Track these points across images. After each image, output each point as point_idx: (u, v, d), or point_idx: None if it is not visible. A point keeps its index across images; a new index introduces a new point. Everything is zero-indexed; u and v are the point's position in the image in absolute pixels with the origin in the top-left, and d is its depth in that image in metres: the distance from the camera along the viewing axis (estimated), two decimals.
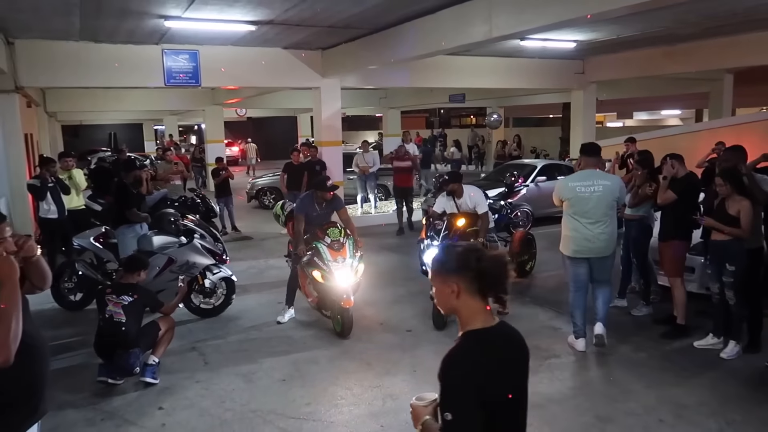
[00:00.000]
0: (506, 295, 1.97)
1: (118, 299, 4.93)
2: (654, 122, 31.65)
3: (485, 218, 6.36)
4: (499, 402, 1.91)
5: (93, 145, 30.35)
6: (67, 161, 8.70)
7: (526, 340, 2.11)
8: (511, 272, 1.98)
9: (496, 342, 1.98)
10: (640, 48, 12.03)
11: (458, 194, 6.37)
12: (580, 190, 5.32)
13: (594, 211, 5.26)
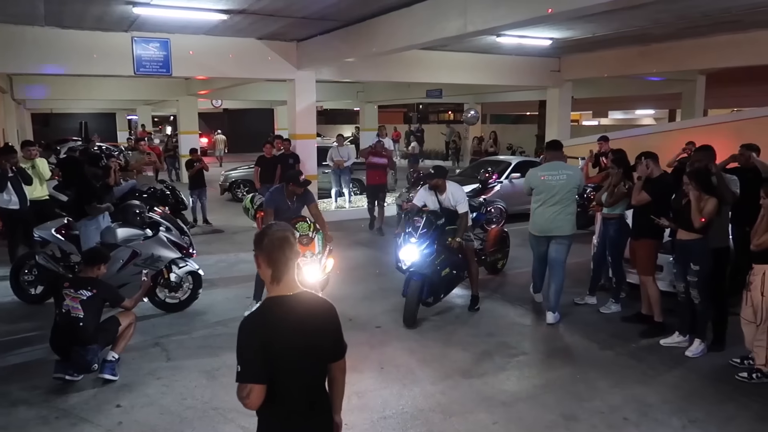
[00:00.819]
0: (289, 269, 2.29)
1: (76, 294, 4.76)
2: (628, 121, 32.03)
3: (464, 218, 6.28)
4: (286, 359, 2.23)
5: (64, 134, 29.63)
6: (30, 150, 8.41)
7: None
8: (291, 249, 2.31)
9: (285, 307, 2.27)
10: (615, 47, 12.13)
11: (441, 190, 6.31)
12: (547, 179, 6.08)
13: (558, 196, 6.01)
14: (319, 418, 2.39)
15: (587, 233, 9.37)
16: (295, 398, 2.31)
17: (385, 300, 6.82)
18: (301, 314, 2.29)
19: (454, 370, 5.04)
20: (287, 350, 2.24)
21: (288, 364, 2.25)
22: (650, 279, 5.81)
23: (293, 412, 2.31)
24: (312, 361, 2.34)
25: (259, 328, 2.25)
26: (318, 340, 2.34)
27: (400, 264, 6.23)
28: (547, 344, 5.65)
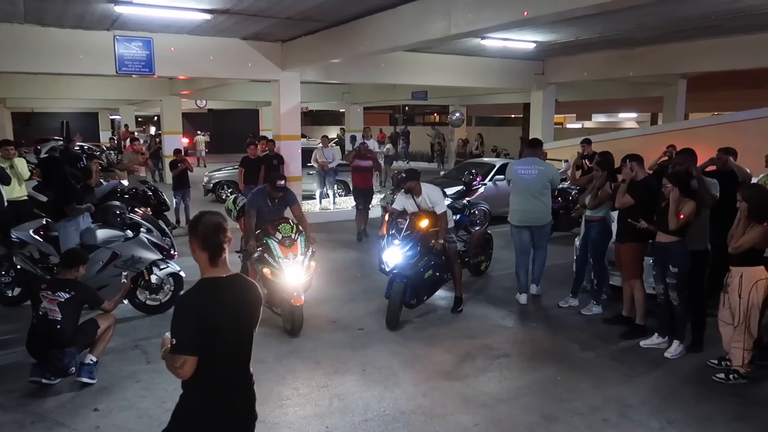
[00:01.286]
0: (222, 252, 2.51)
1: (53, 296, 4.69)
2: (612, 125, 32.37)
3: (443, 218, 6.29)
4: (217, 335, 2.43)
5: (45, 133, 29.24)
6: (8, 150, 8.26)
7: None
8: (224, 234, 2.52)
9: (220, 288, 2.50)
10: (598, 51, 12.25)
11: (416, 192, 6.27)
12: (521, 173, 6.70)
13: (532, 189, 6.60)
14: (242, 395, 2.61)
15: (570, 235, 9.45)
16: (222, 374, 2.51)
17: (368, 302, 6.81)
18: (234, 294, 2.52)
19: (436, 372, 5.04)
20: (220, 327, 2.45)
21: (220, 341, 2.46)
22: (638, 282, 5.84)
23: (218, 386, 2.51)
24: (242, 339, 2.56)
25: (196, 304, 2.47)
26: (248, 319, 2.57)
27: (383, 266, 6.23)
28: (529, 346, 5.67)
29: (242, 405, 2.61)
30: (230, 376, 2.54)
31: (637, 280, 5.85)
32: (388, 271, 6.12)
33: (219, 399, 2.51)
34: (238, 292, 2.54)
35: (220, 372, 2.49)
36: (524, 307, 6.75)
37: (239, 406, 2.59)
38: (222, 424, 2.52)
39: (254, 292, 2.62)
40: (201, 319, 2.40)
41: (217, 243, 2.50)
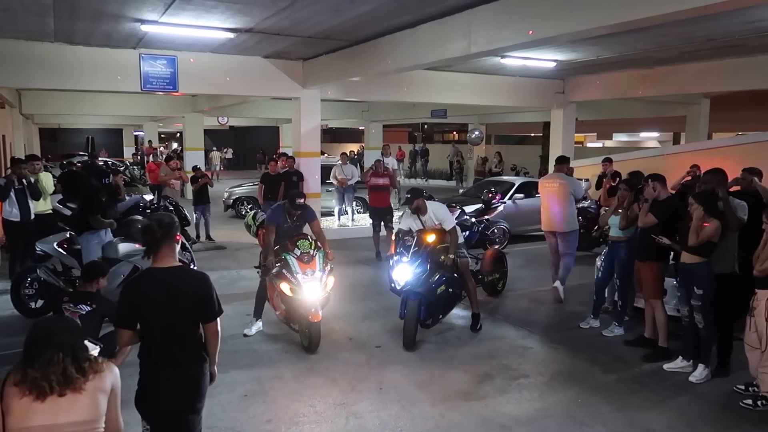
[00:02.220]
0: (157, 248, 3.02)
1: (75, 308, 4.75)
2: (633, 144, 32.10)
3: (453, 233, 6.24)
4: (153, 317, 2.95)
5: (70, 149, 29.90)
6: (34, 164, 8.43)
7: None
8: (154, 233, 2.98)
9: (155, 278, 3.00)
10: (619, 70, 12.19)
11: (422, 211, 6.25)
12: (544, 184, 7.82)
13: (554, 200, 7.54)
14: (180, 372, 3.01)
15: (590, 255, 9.33)
16: (161, 351, 3.00)
17: (385, 319, 6.77)
18: (171, 281, 2.98)
19: (454, 392, 4.97)
20: (154, 310, 2.95)
21: (154, 321, 2.96)
22: (658, 302, 5.74)
23: (158, 363, 3.00)
24: (176, 320, 2.98)
25: (134, 289, 3.05)
26: (182, 303, 2.97)
27: (394, 285, 6.13)
28: (549, 367, 5.58)
29: (179, 381, 3.01)
30: (165, 353, 2.99)
31: (657, 300, 5.74)
32: (399, 289, 6.02)
33: (156, 373, 3.01)
34: (171, 281, 2.98)
35: (156, 349, 3.00)
36: (544, 327, 6.66)
37: (175, 382, 3.00)
38: (161, 395, 3.00)
39: (195, 279, 3.09)
40: (134, 302, 2.96)
41: (150, 241, 3.02)
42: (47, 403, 2.18)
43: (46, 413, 2.17)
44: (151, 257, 3.05)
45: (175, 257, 3.12)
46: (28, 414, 2.17)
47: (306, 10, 7.03)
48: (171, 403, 3.03)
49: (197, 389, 3.08)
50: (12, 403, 2.18)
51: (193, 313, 3.03)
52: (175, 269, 3.05)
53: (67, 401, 2.21)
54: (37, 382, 2.19)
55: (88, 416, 2.25)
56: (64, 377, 2.22)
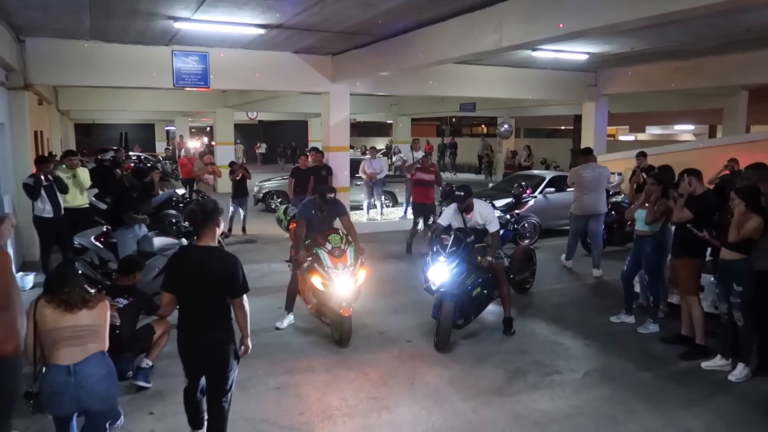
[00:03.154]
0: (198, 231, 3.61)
1: (113, 301, 4.84)
2: (667, 137, 31.37)
3: (497, 237, 6.10)
4: (188, 287, 3.56)
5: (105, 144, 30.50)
6: (71, 160, 8.65)
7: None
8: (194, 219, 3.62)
9: (192, 254, 3.70)
10: (653, 62, 11.91)
11: (469, 210, 6.12)
12: (584, 174, 8.72)
13: (592, 187, 8.63)
14: (207, 336, 3.56)
15: (624, 250, 9.18)
16: (191, 318, 3.59)
17: (415, 314, 6.77)
18: (204, 258, 3.54)
19: (486, 388, 4.95)
20: (188, 280, 3.54)
21: (187, 290, 3.57)
22: (695, 299, 5.62)
23: (188, 327, 3.60)
24: (206, 293, 3.51)
25: (177, 261, 3.72)
26: (211, 278, 3.49)
27: (429, 285, 6.04)
28: (582, 364, 5.51)
29: (203, 341, 3.57)
30: (192, 316, 3.59)
31: (694, 297, 5.63)
32: (434, 289, 5.93)
33: (185, 332, 3.62)
34: (202, 257, 3.54)
35: (186, 312, 3.62)
36: (576, 322, 6.57)
37: (200, 341, 3.58)
38: (189, 351, 3.65)
39: (224, 259, 3.57)
40: (175, 272, 3.63)
41: (193, 223, 3.65)
42: (72, 313, 3.35)
43: (72, 320, 3.36)
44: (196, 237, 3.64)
45: (214, 239, 3.62)
46: (60, 320, 3.34)
47: (336, 5, 7.04)
48: (196, 361, 3.69)
49: (218, 352, 3.58)
50: (45, 314, 3.34)
51: (219, 287, 3.52)
52: (210, 248, 3.58)
53: (83, 313, 3.39)
54: (67, 301, 3.36)
55: (95, 322, 3.45)
56: (82, 300, 3.41)
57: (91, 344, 3.39)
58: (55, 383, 3.29)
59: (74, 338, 3.34)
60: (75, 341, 3.34)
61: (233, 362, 3.65)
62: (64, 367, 3.29)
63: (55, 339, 3.32)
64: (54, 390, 3.30)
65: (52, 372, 3.31)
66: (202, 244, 3.58)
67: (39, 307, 3.37)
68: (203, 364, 3.68)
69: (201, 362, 3.68)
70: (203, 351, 3.61)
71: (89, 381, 3.33)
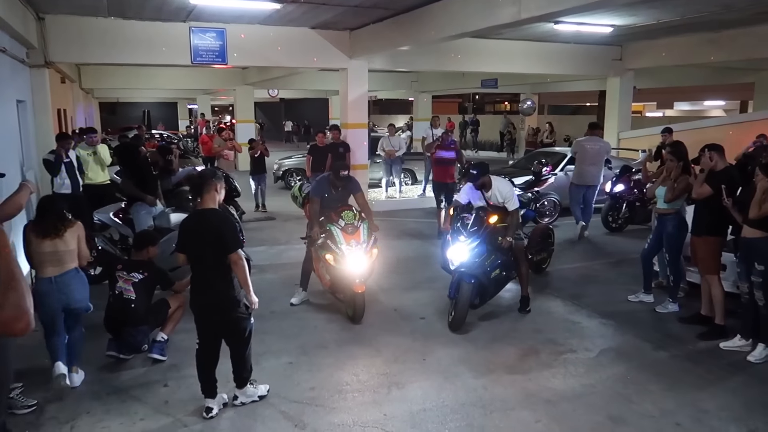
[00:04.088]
0: (197, 196, 4.07)
1: (128, 276, 4.93)
2: (696, 113, 30.54)
3: (515, 215, 5.99)
4: (192, 247, 3.97)
5: (129, 122, 30.85)
6: (92, 137, 8.75)
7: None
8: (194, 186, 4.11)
9: (195, 215, 4.06)
10: (681, 34, 11.53)
11: (487, 187, 6.03)
12: (585, 146, 9.48)
13: (591, 159, 9.33)
14: (215, 294, 3.94)
15: (645, 229, 9.02)
16: (198, 276, 4.00)
17: (430, 291, 6.75)
18: (200, 220, 3.96)
19: (498, 365, 4.93)
20: (192, 241, 3.96)
21: (192, 249, 3.97)
22: (715, 278, 5.49)
23: (197, 284, 4.01)
24: (206, 251, 3.90)
25: (183, 224, 4.09)
26: (208, 236, 3.87)
27: (448, 264, 5.94)
28: (597, 342, 5.44)
29: (209, 298, 3.95)
30: (198, 274, 3.99)
31: (714, 276, 5.49)
32: (452, 269, 5.85)
33: (193, 289, 4.04)
34: (200, 218, 3.96)
35: (195, 270, 4.00)
36: (593, 301, 6.48)
37: (207, 298, 3.96)
38: (199, 306, 4.01)
39: (218, 218, 3.91)
40: (183, 233, 4.01)
41: (192, 188, 4.17)
42: (50, 240, 4.26)
43: (49, 246, 4.27)
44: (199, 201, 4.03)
45: (213, 203, 3.97)
46: (40, 244, 4.27)
47: None
48: (203, 315, 4.03)
49: (222, 306, 3.96)
50: (31, 239, 4.29)
51: (216, 244, 3.86)
52: (208, 210, 3.96)
53: (59, 239, 4.26)
54: (43, 230, 4.26)
55: (69, 247, 4.32)
56: (54, 229, 4.27)
57: (68, 263, 4.33)
58: (42, 290, 4.26)
59: (54, 260, 4.29)
60: (54, 261, 4.29)
61: (241, 315, 4.00)
62: (48, 278, 4.30)
63: (40, 259, 4.30)
64: (42, 294, 4.23)
65: (40, 283, 4.32)
66: (203, 207, 3.97)
67: (27, 231, 4.35)
68: (209, 318, 4.01)
69: (207, 316, 4.01)
70: (209, 306, 3.97)
71: (67, 287, 4.32)
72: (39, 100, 9.25)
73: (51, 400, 4.27)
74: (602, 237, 9.67)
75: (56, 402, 4.26)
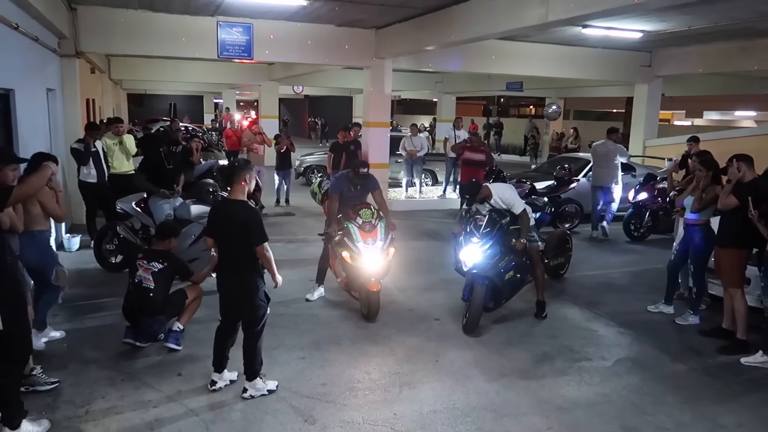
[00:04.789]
0: (228, 185, 4.36)
1: (148, 265, 4.99)
2: (725, 123, 29.96)
3: (524, 216, 5.92)
4: (220, 234, 4.19)
5: (156, 114, 31.29)
6: (118, 127, 8.88)
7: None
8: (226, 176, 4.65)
9: (221, 204, 4.38)
10: (713, 42, 11.32)
11: (488, 198, 5.96)
12: (597, 149, 10.07)
13: (600, 162, 9.97)
14: (237, 275, 4.14)
15: (668, 238, 8.86)
16: (224, 261, 4.20)
17: (445, 293, 6.72)
18: (226, 209, 4.16)
19: (511, 370, 4.88)
20: (219, 229, 4.17)
21: (219, 237, 4.20)
22: (738, 291, 5.36)
23: (222, 269, 4.22)
24: (230, 238, 4.10)
25: (212, 211, 4.36)
26: (235, 227, 4.04)
27: (461, 266, 5.90)
28: (613, 351, 5.36)
29: (232, 283, 4.18)
30: (224, 259, 4.18)
31: (737, 289, 5.36)
32: (465, 271, 5.79)
33: (220, 272, 4.24)
34: (228, 209, 4.13)
35: (221, 255, 4.20)
36: (611, 310, 6.39)
37: (230, 283, 4.19)
38: (223, 289, 4.24)
39: (246, 211, 4.06)
40: (212, 221, 4.25)
41: (223, 178, 4.38)
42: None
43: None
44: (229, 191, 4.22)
45: (242, 194, 4.11)
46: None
47: None
48: (227, 299, 4.26)
49: (244, 292, 4.14)
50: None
51: (242, 235, 4.01)
52: (237, 201, 4.10)
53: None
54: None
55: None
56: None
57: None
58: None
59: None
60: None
61: (260, 302, 4.17)
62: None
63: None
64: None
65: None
66: (231, 197, 4.14)
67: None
68: (233, 302, 4.23)
69: (231, 300, 4.24)
70: (232, 290, 4.20)
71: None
72: (69, 90, 9.42)
73: (65, 384, 4.35)
74: (623, 245, 9.53)
75: (73, 386, 4.33)
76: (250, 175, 4.14)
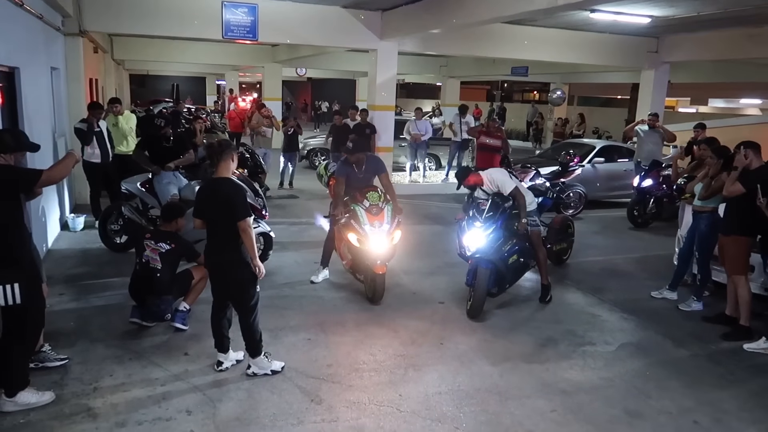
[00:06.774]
0: (214, 164, 4.21)
1: (155, 246, 5.00)
2: (731, 111, 29.77)
3: (518, 196, 5.84)
4: (208, 212, 4.16)
5: (158, 95, 31.16)
6: (116, 107, 8.84)
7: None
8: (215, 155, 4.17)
9: (209, 184, 4.24)
10: (721, 28, 11.21)
11: (480, 184, 6.02)
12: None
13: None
14: (223, 256, 4.12)
15: (671, 225, 8.86)
16: (212, 239, 4.19)
17: (450, 276, 6.74)
18: (212, 187, 4.15)
19: (515, 353, 4.91)
20: (206, 207, 4.15)
21: (206, 215, 4.16)
22: (742, 279, 5.37)
23: (210, 247, 4.21)
24: (216, 217, 4.11)
25: (200, 190, 4.31)
26: (218, 204, 4.05)
27: (463, 251, 5.90)
28: (617, 336, 5.39)
29: (220, 262, 4.17)
30: (211, 240, 4.19)
31: (741, 276, 5.37)
32: (468, 255, 5.80)
33: (207, 253, 4.27)
34: (215, 187, 4.12)
35: (209, 233, 4.19)
36: (615, 295, 6.41)
37: (218, 258, 4.17)
38: (211, 266, 4.28)
39: (230, 187, 4.05)
40: (200, 200, 4.21)
41: (210, 156, 4.23)
42: None
43: None
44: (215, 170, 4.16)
45: (228, 172, 4.11)
46: None
47: None
48: (215, 278, 4.28)
49: (230, 272, 4.14)
50: None
51: (225, 212, 4.00)
52: (222, 179, 4.11)
53: None
54: None
55: None
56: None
57: None
58: None
59: None
60: None
61: (248, 282, 4.13)
62: None
63: None
64: None
65: None
66: (217, 175, 4.12)
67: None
68: (222, 283, 4.24)
69: (219, 281, 4.25)
70: (219, 271, 4.21)
71: None
72: (72, 68, 9.37)
73: (72, 362, 4.38)
74: (626, 231, 9.54)
75: (81, 364, 4.36)
76: (235, 154, 4.20)
